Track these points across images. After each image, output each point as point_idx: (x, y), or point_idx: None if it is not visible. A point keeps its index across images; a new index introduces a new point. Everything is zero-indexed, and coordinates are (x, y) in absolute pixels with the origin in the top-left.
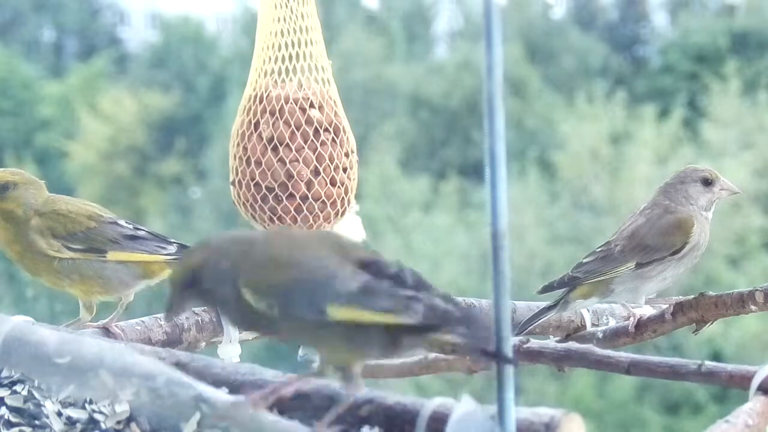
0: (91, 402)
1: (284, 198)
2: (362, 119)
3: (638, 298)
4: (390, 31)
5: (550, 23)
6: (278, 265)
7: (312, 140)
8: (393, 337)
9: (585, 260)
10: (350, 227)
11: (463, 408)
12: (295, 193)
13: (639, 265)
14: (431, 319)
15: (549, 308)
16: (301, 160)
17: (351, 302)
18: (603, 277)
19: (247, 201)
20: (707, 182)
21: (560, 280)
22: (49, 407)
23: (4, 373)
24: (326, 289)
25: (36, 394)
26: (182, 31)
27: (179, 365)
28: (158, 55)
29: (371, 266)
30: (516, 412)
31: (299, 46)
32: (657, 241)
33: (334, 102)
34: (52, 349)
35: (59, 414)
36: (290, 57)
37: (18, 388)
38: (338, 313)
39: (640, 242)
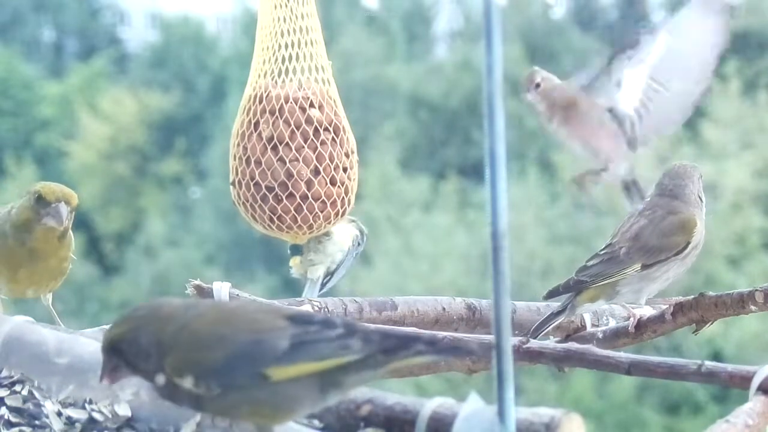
0: (91, 402)
1: (284, 197)
2: (362, 119)
3: (640, 299)
4: (390, 31)
5: (550, 23)
6: (204, 345)
7: (312, 140)
8: (333, 380)
9: (589, 263)
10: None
11: (470, 406)
12: (295, 193)
13: (644, 267)
14: (372, 350)
15: (558, 313)
16: (301, 160)
17: (288, 360)
18: (610, 280)
19: (247, 201)
20: (700, 178)
21: (565, 284)
22: (49, 407)
23: (4, 373)
24: (260, 354)
25: (36, 394)
26: (182, 31)
27: None
28: (158, 55)
29: (297, 319)
30: (516, 412)
31: (299, 46)
32: (661, 242)
33: (334, 102)
34: (52, 349)
35: (59, 414)
36: (290, 57)
37: (18, 388)
38: (279, 372)
39: (644, 244)
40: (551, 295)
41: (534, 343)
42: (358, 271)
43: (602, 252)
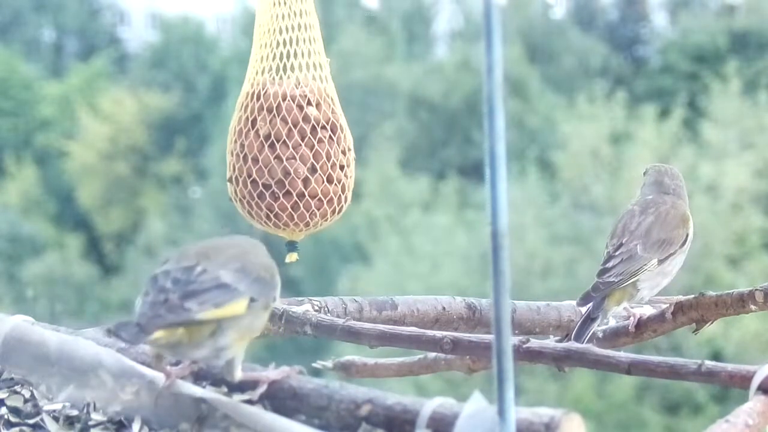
0: (91, 402)
1: (281, 195)
2: (362, 119)
3: (652, 295)
4: (390, 31)
5: (550, 23)
6: None
7: (309, 137)
8: None
9: (609, 265)
10: None
11: (472, 405)
12: (292, 191)
13: (660, 261)
14: None
15: (592, 320)
16: (297, 158)
17: None
18: (634, 278)
19: (244, 198)
20: None
21: (595, 287)
22: (49, 408)
23: (5, 375)
24: None
25: (36, 395)
26: (182, 31)
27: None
28: (158, 55)
29: None
30: (516, 412)
31: (297, 44)
32: (669, 235)
33: (332, 99)
34: (52, 349)
35: (58, 414)
36: (288, 54)
37: (18, 388)
38: None
39: (657, 239)
40: (586, 300)
41: (534, 343)
42: (358, 271)
43: (618, 252)
